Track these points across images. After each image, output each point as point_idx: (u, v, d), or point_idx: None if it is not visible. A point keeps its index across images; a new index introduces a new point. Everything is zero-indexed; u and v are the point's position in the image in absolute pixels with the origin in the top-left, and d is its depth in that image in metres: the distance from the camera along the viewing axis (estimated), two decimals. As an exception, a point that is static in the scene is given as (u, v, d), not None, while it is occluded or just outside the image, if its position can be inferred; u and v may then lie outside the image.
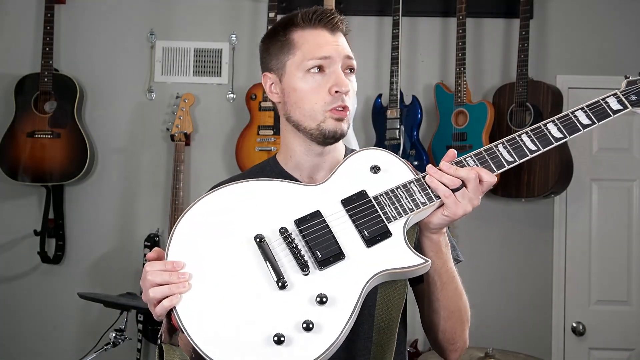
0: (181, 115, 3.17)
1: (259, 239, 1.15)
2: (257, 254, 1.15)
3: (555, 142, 1.23)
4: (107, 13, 3.36)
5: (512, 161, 1.22)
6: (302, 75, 1.31)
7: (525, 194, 3.02)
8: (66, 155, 3.15)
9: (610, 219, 3.29)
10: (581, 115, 1.24)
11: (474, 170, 1.18)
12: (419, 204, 1.19)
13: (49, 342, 3.29)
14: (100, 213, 3.31)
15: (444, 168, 1.20)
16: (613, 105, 1.27)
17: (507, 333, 3.24)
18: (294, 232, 1.17)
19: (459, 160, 1.22)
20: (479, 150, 1.23)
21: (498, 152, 1.22)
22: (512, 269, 3.27)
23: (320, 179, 1.38)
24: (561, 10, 3.33)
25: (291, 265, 1.14)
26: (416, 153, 3.08)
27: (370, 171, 1.24)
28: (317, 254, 1.14)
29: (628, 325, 3.25)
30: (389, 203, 1.20)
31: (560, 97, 3.09)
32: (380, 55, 3.31)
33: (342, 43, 1.32)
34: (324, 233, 1.17)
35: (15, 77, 3.18)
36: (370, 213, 1.19)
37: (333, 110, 1.29)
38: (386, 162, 1.25)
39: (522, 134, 1.23)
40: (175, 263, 1.13)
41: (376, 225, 1.17)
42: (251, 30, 3.34)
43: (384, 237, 1.17)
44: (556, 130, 1.23)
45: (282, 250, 1.16)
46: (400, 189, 1.21)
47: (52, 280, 3.30)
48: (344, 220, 1.19)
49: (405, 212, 1.19)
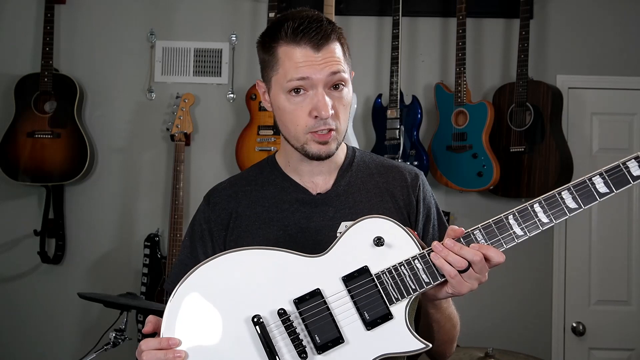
0: (181, 115, 3.17)
1: (256, 320, 1.14)
2: (255, 336, 1.13)
3: (570, 213, 1.15)
4: (107, 13, 3.36)
5: (522, 235, 1.16)
6: (284, 96, 1.27)
7: (525, 194, 3.02)
8: (66, 155, 3.15)
9: (610, 219, 3.28)
10: (598, 182, 1.14)
11: (480, 252, 1.14)
12: (423, 284, 1.16)
13: (49, 342, 3.29)
14: (100, 213, 3.31)
15: (449, 245, 1.15)
16: (634, 171, 1.14)
17: (507, 333, 3.24)
18: (293, 314, 1.16)
19: (467, 234, 1.17)
20: (488, 223, 1.17)
21: (508, 224, 1.17)
22: (512, 269, 3.27)
23: (321, 184, 1.37)
24: (561, 10, 3.32)
25: (289, 350, 1.13)
26: (416, 153, 3.08)
27: (373, 243, 1.18)
28: (316, 339, 1.13)
29: (628, 325, 3.25)
30: (392, 282, 1.16)
31: (560, 97, 3.09)
32: (380, 55, 3.31)
33: (328, 59, 1.24)
34: (324, 316, 1.15)
35: (15, 77, 3.18)
36: (372, 294, 1.16)
37: (315, 134, 1.26)
38: (390, 234, 1.19)
39: (535, 204, 1.16)
40: (170, 340, 1.13)
41: (377, 308, 1.15)
42: (251, 30, 3.34)
43: (384, 319, 1.15)
44: (571, 200, 1.15)
45: (280, 334, 1.15)
46: (404, 266, 1.17)
47: (52, 280, 3.30)
48: (344, 300, 1.16)
49: (408, 293, 1.16)
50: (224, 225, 1.37)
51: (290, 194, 1.37)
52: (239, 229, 1.36)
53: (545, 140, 2.99)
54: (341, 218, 1.34)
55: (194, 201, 3.26)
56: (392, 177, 1.41)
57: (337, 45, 1.27)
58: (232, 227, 1.36)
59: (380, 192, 1.38)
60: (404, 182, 1.41)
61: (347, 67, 1.30)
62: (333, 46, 1.26)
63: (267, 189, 1.39)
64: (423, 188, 1.42)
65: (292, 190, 1.37)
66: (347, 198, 1.36)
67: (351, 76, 1.34)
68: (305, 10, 1.30)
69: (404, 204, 1.39)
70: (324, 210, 1.34)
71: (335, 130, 1.28)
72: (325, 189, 1.37)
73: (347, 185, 1.38)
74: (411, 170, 1.45)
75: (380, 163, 1.45)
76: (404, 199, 1.39)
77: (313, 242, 1.31)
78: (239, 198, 1.39)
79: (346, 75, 1.28)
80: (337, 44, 1.28)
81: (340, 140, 1.31)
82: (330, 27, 1.26)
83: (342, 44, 1.30)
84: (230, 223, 1.37)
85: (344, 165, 1.40)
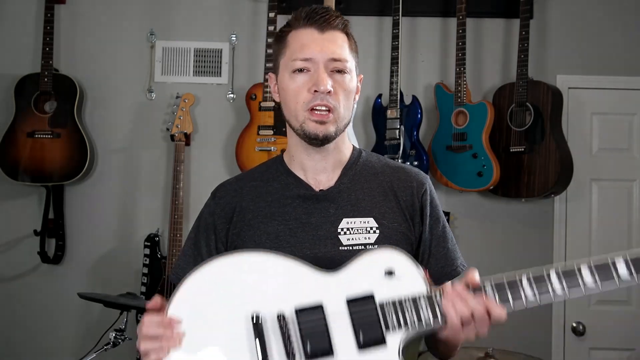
0: (181, 115, 3.17)
1: (255, 318, 1.17)
2: (251, 332, 1.16)
3: (585, 291, 1.16)
4: (107, 13, 3.36)
5: (532, 301, 1.19)
6: (289, 75, 1.32)
7: (525, 194, 3.02)
8: (66, 156, 3.14)
9: (610, 219, 3.28)
10: (621, 267, 1.15)
11: (483, 305, 1.17)
12: (422, 322, 1.18)
13: (49, 342, 3.29)
14: (100, 213, 3.31)
15: (459, 290, 1.18)
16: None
17: (507, 333, 3.21)
18: (292, 320, 1.18)
19: (478, 287, 1.19)
20: (501, 282, 1.20)
21: (521, 286, 1.20)
22: (512, 269, 3.27)
23: (324, 181, 1.39)
24: (561, 10, 3.33)
25: (279, 352, 1.16)
26: (416, 153, 3.08)
27: (384, 273, 1.22)
28: (307, 347, 1.15)
29: (628, 325, 3.25)
30: (393, 312, 1.18)
31: (560, 97, 3.09)
32: (380, 55, 3.30)
33: (331, 42, 1.30)
34: (320, 329, 1.17)
35: (15, 77, 3.18)
36: (372, 319, 1.18)
37: (312, 112, 1.29)
38: (402, 268, 1.22)
39: (551, 272, 1.18)
40: (172, 320, 1.16)
41: (373, 332, 1.17)
42: (251, 30, 3.34)
43: (377, 344, 1.16)
44: (589, 276, 1.16)
45: (275, 335, 1.17)
46: (409, 301, 1.19)
47: (52, 280, 3.29)
48: (343, 319, 1.19)
49: (406, 325, 1.17)
50: (228, 218, 1.40)
51: (293, 189, 1.39)
52: (241, 222, 1.38)
53: (545, 140, 2.99)
54: (342, 215, 1.35)
55: (194, 201, 3.26)
56: (398, 178, 1.42)
57: (342, 35, 1.33)
58: (235, 220, 1.39)
59: (384, 191, 1.39)
60: (409, 183, 1.42)
61: (353, 58, 1.35)
62: (337, 34, 1.32)
63: (271, 185, 1.42)
64: (429, 194, 1.43)
65: (294, 186, 1.39)
66: (350, 195, 1.37)
67: (359, 80, 1.38)
68: (318, 5, 1.37)
69: (406, 205, 1.39)
70: (326, 206, 1.35)
71: (334, 111, 1.30)
72: (328, 186, 1.39)
73: (350, 183, 1.39)
74: (418, 173, 1.46)
75: (386, 164, 1.46)
76: (406, 199, 1.39)
77: (313, 237, 1.32)
78: (243, 193, 1.42)
79: (349, 63, 1.32)
80: (342, 34, 1.33)
81: (340, 125, 1.33)
82: (336, 16, 1.33)
83: (349, 38, 1.35)
84: (234, 217, 1.39)
85: (349, 164, 1.42)
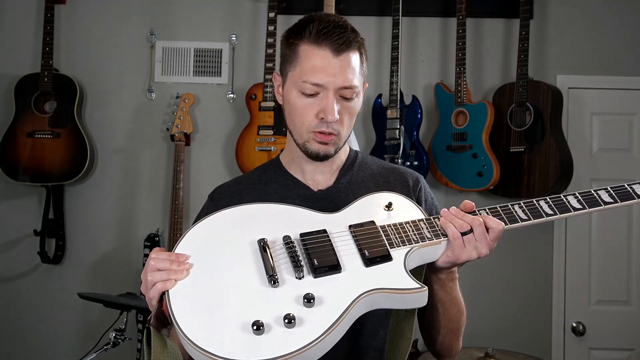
0: (181, 115, 3.17)
1: (262, 242, 1.19)
2: (258, 255, 1.18)
3: (573, 210, 1.27)
4: (107, 13, 3.36)
5: (525, 219, 1.23)
6: (296, 93, 1.32)
7: (525, 194, 3.02)
8: (66, 156, 3.15)
9: (610, 219, 3.28)
10: (604, 194, 1.30)
11: (480, 217, 1.21)
12: (425, 238, 1.21)
13: (49, 342, 3.29)
14: (100, 213, 3.31)
15: (454, 211, 1.23)
16: (638, 190, 1.31)
17: (507, 333, 3.24)
18: (297, 241, 1.20)
19: (472, 211, 1.24)
20: (495, 207, 1.25)
21: (513, 210, 1.24)
22: (512, 269, 3.27)
23: (322, 181, 1.42)
24: (561, 10, 3.33)
25: (286, 267, 1.16)
26: (416, 153, 3.08)
27: (383, 208, 1.28)
28: (314, 262, 1.16)
29: (628, 325, 3.25)
30: (395, 232, 1.22)
31: (560, 97, 3.09)
32: (380, 55, 3.31)
33: (344, 69, 1.28)
34: (326, 246, 1.19)
35: (15, 77, 3.18)
36: (375, 237, 1.21)
37: (316, 134, 1.32)
38: (400, 203, 1.29)
39: (541, 200, 1.25)
40: (180, 255, 1.17)
41: (378, 248, 1.19)
42: (251, 30, 3.34)
43: (383, 260, 1.18)
44: (576, 202, 1.28)
45: (282, 254, 1.18)
46: (409, 224, 1.23)
47: (52, 280, 3.30)
48: (347, 240, 1.21)
49: (409, 242, 1.20)
50: None
51: (292, 190, 1.42)
52: None
53: (545, 140, 2.99)
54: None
55: (194, 201, 3.26)
56: (394, 178, 1.46)
57: (356, 54, 1.32)
58: None
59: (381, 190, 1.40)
60: (404, 182, 1.46)
61: (362, 78, 1.36)
62: (352, 55, 1.31)
63: (270, 186, 1.44)
64: (424, 190, 1.47)
65: (293, 186, 1.42)
66: (348, 195, 1.40)
67: (364, 88, 1.39)
68: (333, 15, 1.35)
69: None
70: (325, 205, 1.37)
71: (337, 135, 1.33)
72: (327, 186, 1.42)
73: (348, 183, 1.43)
74: (412, 173, 1.50)
75: (381, 165, 1.51)
76: None
77: None
78: (242, 195, 1.43)
79: (358, 88, 1.33)
80: (356, 54, 1.32)
81: (340, 144, 1.37)
82: (353, 35, 1.31)
83: (362, 54, 1.35)
84: None
85: (346, 165, 1.46)
